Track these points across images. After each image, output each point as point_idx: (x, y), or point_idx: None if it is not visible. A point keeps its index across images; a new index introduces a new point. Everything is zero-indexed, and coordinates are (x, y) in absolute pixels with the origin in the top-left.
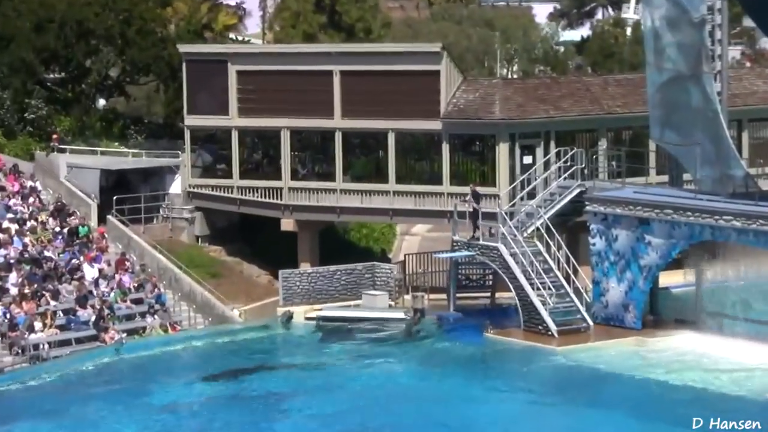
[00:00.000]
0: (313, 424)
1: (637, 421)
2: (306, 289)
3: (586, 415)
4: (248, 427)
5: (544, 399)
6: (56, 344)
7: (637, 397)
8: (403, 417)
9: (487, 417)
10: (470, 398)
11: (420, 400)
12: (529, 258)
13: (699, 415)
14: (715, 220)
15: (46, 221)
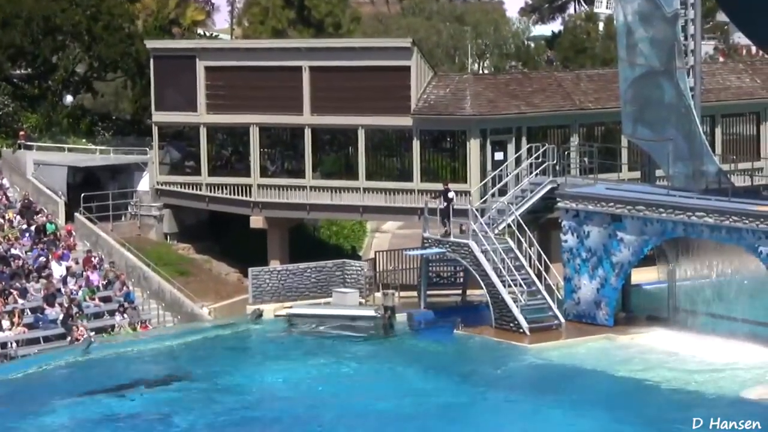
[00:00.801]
0: (278, 404)
1: (605, 418)
2: (276, 287)
3: (554, 412)
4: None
5: (514, 396)
6: (24, 343)
7: (607, 394)
8: (363, 412)
9: (454, 414)
10: (438, 396)
11: (387, 397)
12: (501, 255)
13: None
14: (688, 216)
15: (13, 219)
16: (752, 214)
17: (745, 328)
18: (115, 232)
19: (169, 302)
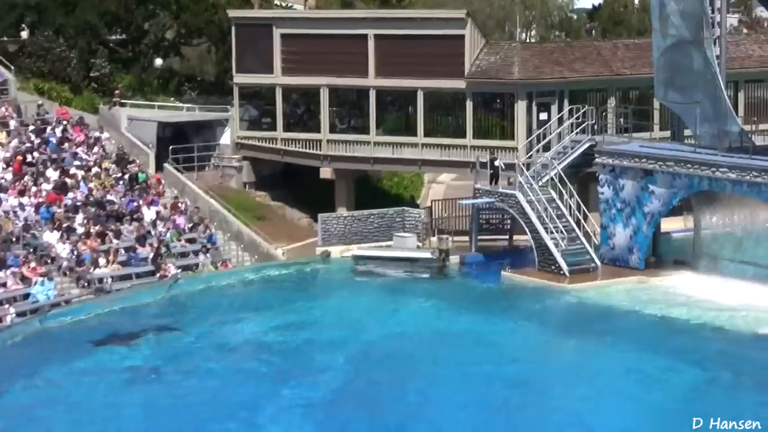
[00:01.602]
0: (346, 332)
1: (636, 350)
2: (342, 231)
3: (591, 345)
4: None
5: (555, 331)
6: (118, 278)
7: (637, 329)
8: (424, 346)
9: (501, 347)
10: (487, 330)
11: (441, 331)
12: (544, 205)
13: (692, 346)
14: (713, 172)
15: (109, 168)
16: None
17: (762, 272)
18: (200, 181)
19: (247, 244)
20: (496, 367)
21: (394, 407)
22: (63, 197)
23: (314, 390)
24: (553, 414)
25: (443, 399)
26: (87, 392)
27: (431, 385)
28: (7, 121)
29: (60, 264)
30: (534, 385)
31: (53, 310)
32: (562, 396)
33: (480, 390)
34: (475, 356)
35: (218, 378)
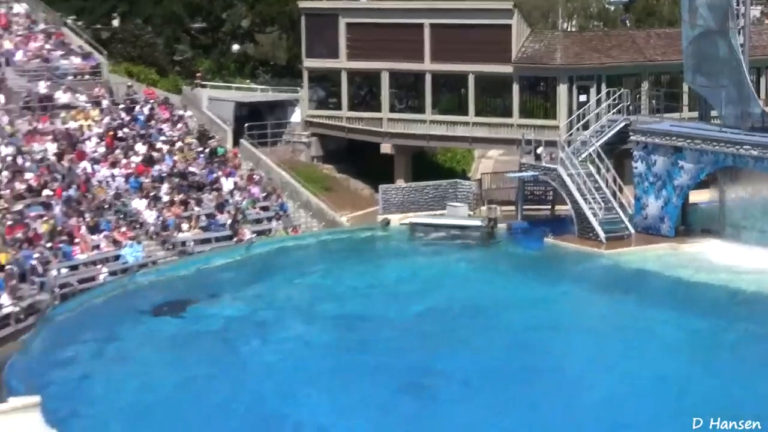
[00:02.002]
0: (393, 295)
1: (666, 309)
2: (400, 201)
3: (624, 304)
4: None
5: (591, 290)
6: (199, 242)
7: (667, 291)
8: (475, 300)
9: (543, 305)
10: (531, 290)
11: (489, 291)
12: (583, 178)
13: (718, 306)
14: (737, 149)
15: (191, 143)
16: None
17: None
18: (273, 155)
19: (314, 211)
20: (537, 319)
21: (449, 351)
22: (150, 169)
23: (380, 341)
24: (588, 358)
25: (495, 342)
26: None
27: (482, 333)
28: (100, 101)
29: (147, 229)
30: (568, 333)
31: (141, 270)
32: (596, 344)
33: (520, 335)
34: (519, 310)
35: (292, 329)
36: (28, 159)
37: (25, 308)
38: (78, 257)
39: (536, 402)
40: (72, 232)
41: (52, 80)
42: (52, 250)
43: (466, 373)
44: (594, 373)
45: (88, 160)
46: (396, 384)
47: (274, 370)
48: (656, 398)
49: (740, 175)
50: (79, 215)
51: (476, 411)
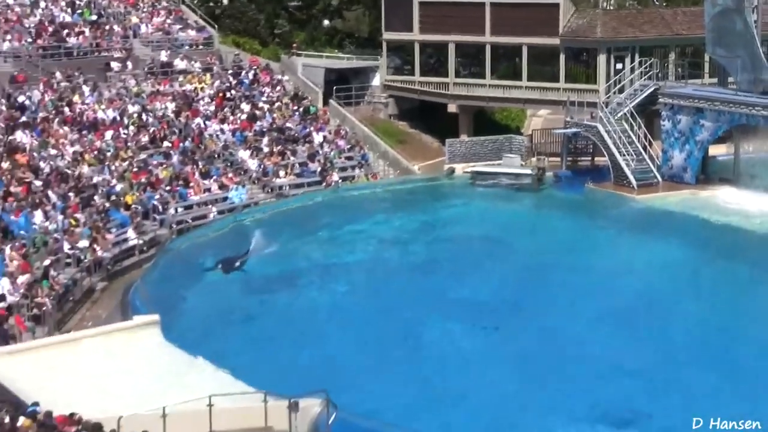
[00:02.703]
0: (465, 230)
1: (687, 244)
2: (464, 152)
3: (653, 239)
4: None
5: (624, 230)
6: (294, 186)
7: (689, 229)
8: (526, 233)
9: (585, 239)
10: (573, 227)
11: (536, 226)
12: (618, 134)
13: (732, 242)
14: (749, 110)
15: (288, 103)
16: None
17: None
18: (356, 114)
19: (391, 161)
20: (573, 251)
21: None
22: (253, 124)
23: (446, 260)
24: (618, 284)
25: (544, 262)
26: (269, 271)
27: (532, 255)
28: (211, 67)
29: (250, 175)
30: (600, 258)
31: (244, 209)
32: (627, 273)
33: (565, 258)
34: (561, 241)
35: (372, 256)
36: (151, 116)
37: (147, 241)
38: (192, 198)
39: (573, 298)
40: (187, 177)
41: (171, 50)
42: (170, 193)
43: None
44: (615, 285)
45: (201, 117)
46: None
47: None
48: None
49: (752, 132)
50: (193, 163)
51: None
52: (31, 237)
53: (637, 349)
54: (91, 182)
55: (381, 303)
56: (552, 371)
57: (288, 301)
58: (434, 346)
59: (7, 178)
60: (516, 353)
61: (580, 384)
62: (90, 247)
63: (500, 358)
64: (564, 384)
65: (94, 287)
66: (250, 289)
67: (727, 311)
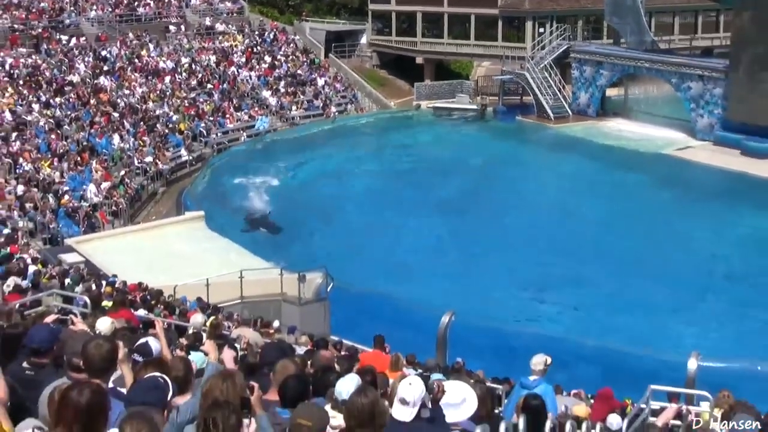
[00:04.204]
0: (428, 147)
1: (589, 159)
2: (427, 92)
3: (565, 156)
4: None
5: (544, 149)
6: (303, 117)
7: (592, 150)
8: (471, 149)
9: (517, 155)
10: (506, 146)
11: (481, 146)
12: (540, 80)
13: (622, 159)
14: (636, 63)
15: (299, 56)
16: (670, 62)
17: (664, 120)
18: (349, 64)
19: (374, 98)
20: (507, 164)
21: (453, 169)
22: (273, 72)
23: (415, 169)
24: (539, 187)
25: (484, 168)
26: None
27: (475, 165)
28: (243, 30)
29: (271, 109)
30: (524, 169)
31: (267, 134)
32: (545, 179)
33: (503, 168)
34: (498, 157)
35: (351, 166)
36: (198, 65)
37: (195, 158)
38: (228, 126)
39: (510, 197)
40: (225, 110)
41: (213, 17)
42: (212, 122)
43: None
44: (538, 188)
45: (235, 66)
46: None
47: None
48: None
49: (639, 79)
50: (229, 100)
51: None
52: (111, 154)
53: (551, 232)
54: (155, 114)
55: (367, 200)
56: (495, 249)
57: (297, 199)
58: (410, 232)
59: (93, 111)
60: (469, 237)
61: (515, 257)
62: (154, 161)
63: (458, 240)
64: (502, 256)
65: (157, 191)
66: (272, 192)
67: (617, 209)
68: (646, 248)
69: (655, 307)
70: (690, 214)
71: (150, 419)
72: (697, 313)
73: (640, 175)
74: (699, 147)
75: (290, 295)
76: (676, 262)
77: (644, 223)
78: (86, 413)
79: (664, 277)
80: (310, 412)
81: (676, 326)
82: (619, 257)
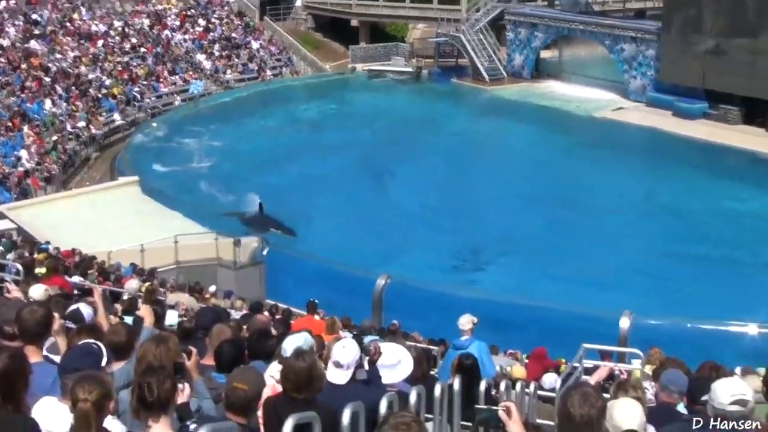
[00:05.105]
0: (363, 110)
1: (524, 120)
2: (363, 56)
3: (500, 119)
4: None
5: (479, 112)
6: (238, 80)
7: (526, 110)
8: (406, 111)
9: (452, 116)
10: (441, 107)
11: (420, 108)
12: (475, 42)
13: (557, 119)
14: (569, 25)
15: (233, 19)
16: (604, 24)
17: (597, 82)
18: (284, 26)
19: (309, 62)
20: (442, 126)
21: (388, 131)
22: (207, 35)
23: (348, 127)
24: (475, 144)
25: (417, 129)
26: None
27: (408, 125)
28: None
29: (205, 72)
30: (462, 137)
31: (201, 98)
32: (481, 138)
33: (438, 127)
34: (432, 116)
35: (287, 130)
36: (131, 29)
37: (129, 122)
38: (162, 90)
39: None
40: (159, 74)
41: None
42: (147, 86)
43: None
44: (473, 145)
45: (169, 29)
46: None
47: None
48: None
49: (573, 40)
50: (163, 64)
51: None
52: (43, 119)
53: (484, 194)
54: (87, 78)
55: (299, 164)
56: (428, 212)
57: (233, 164)
58: (345, 195)
59: (24, 75)
60: (404, 200)
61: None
62: (87, 126)
63: (392, 203)
64: (435, 218)
65: (90, 156)
66: (207, 156)
67: (549, 171)
68: (578, 209)
69: (588, 267)
70: (621, 175)
71: (101, 380)
72: (628, 272)
73: (573, 137)
74: (631, 108)
75: (226, 259)
76: (608, 221)
77: (576, 184)
78: (4, 378)
79: (596, 237)
80: (245, 376)
81: (609, 286)
82: (551, 218)
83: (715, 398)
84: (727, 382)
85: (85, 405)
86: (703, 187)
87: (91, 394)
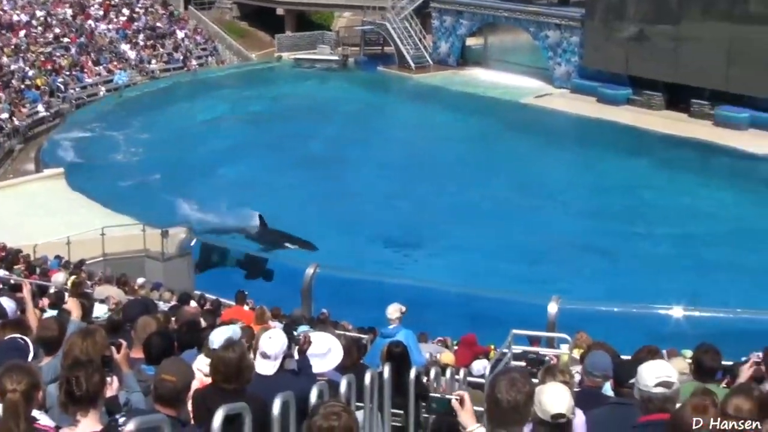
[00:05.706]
0: (291, 99)
1: (450, 107)
2: (289, 44)
3: (426, 107)
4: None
5: (406, 100)
6: (163, 70)
7: (452, 97)
8: (334, 97)
9: (379, 104)
10: (371, 96)
11: (346, 96)
12: (401, 30)
13: (483, 106)
14: (495, 12)
15: (158, 8)
16: (528, 11)
17: (523, 69)
18: (209, 16)
19: (235, 51)
20: (369, 108)
21: (315, 115)
22: (132, 24)
23: (276, 115)
24: (400, 131)
25: (348, 113)
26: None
27: (337, 110)
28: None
29: (130, 62)
30: (388, 125)
31: (126, 88)
32: (406, 126)
33: (366, 116)
34: (359, 102)
35: (215, 120)
36: (54, 18)
37: (53, 113)
38: (87, 81)
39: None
40: (83, 65)
41: None
42: (71, 76)
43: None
44: (399, 132)
45: (93, 19)
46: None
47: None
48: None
49: (498, 28)
50: (87, 54)
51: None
52: None
53: (410, 182)
54: (10, 69)
55: (228, 153)
56: (355, 200)
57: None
58: (274, 184)
59: None
60: (332, 188)
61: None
62: (10, 118)
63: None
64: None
65: (14, 148)
66: (133, 147)
67: (474, 158)
68: (504, 195)
69: (515, 253)
70: (546, 160)
71: (29, 370)
72: (555, 258)
73: (499, 123)
74: (557, 94)
75: (153, 251)
76: (533, 207)
77: (501, 170)
78: None
79: (522, 222)
80: (174, 368)
81: (537, 271)
82: (477, 205)
83: (641, 380)
84: (651, 365)
85: (14, 396)
86: (625, 170)
87: (19, 384)
